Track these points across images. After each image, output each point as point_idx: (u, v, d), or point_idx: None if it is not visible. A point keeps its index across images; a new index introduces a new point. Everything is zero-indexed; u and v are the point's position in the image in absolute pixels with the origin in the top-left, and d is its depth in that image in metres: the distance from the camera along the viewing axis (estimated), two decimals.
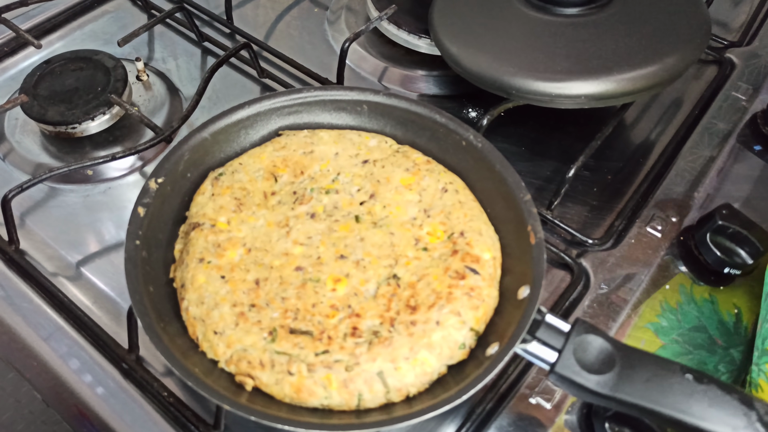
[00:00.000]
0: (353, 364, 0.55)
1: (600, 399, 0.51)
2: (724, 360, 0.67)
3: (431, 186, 0.67)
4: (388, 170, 0.68)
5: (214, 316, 0.59)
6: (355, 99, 0.73)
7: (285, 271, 0.62)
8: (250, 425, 0.61)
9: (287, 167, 0.69)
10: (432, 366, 0.56)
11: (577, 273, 0.72)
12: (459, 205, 0.65)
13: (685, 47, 0.76)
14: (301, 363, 0.55)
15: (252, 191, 0.68)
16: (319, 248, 0.63)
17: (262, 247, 0.64)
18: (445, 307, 0.58)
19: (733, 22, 1.02)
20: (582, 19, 0.79)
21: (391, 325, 0.57)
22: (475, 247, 0.62)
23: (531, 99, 0.75)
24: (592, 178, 0.81)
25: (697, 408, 0.48)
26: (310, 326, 0.58)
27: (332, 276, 0.61)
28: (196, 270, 0.62)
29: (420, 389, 0.56)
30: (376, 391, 0.55)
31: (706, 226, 0.73)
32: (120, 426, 0.62)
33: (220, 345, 0.57)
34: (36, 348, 0.67)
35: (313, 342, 0.57)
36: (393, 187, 0.67)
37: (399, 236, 0.64)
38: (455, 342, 0.57)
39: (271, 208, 0.67)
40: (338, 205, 0.67)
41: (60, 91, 0.83)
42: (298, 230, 0.65)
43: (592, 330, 0.53)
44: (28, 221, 0.76)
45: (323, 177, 0.69)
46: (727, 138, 0.85)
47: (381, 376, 0.55)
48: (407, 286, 0.60)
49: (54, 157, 0.82)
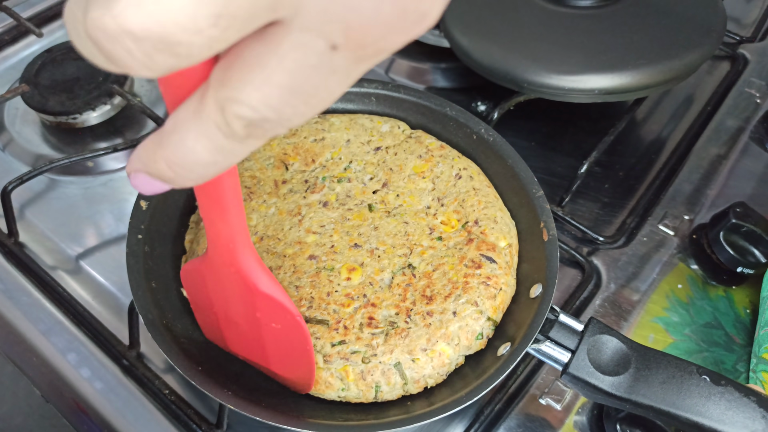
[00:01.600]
0: (370, 355, 0.54)
1: (614, 401, 0.50)
2: (743, 359, 0.65)
3: (445, 173, 0.66)
4: (401, 157, 0.67)
5: None
6: (364, 92, 0.71)
7: (298, 259, 0.61)
8: (254, 424, 0.60)
9: (298, 155, 0.68)
10: (450, 357, 0.56)
11: (588, 271, 0.70)
12: (473, 192, 0.64)
13: (700, 42, 0.74)
14: (317, 353, 0.55)
15: (262, 179, 0.67)
16: (333, 237, 0.62)
17: (274, 236, 0.63)
18: (462, 297, 0.57)
19: (746, 17, 1.00)
20: (596, 12, 0.77)
21: (408, 316, 0.56)
22: (490, 236, 0.61)
23: (543, 92, 0.74)
24: (603, 174, 0.80)
25: (714, 410, 0.47)
26: (326, 315, 0.57)
27: (347, 265, 0.60)
28: None
29: (438, 381, 0.56)
30: (393, 383, 0.54)
31: (719, 224, 0.71)
32: (120, 423, 0.61)
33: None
34: (35, 342, 0.65)
35: (329, 332, 0.56)
36: (406, 175, 0.66)
37: (413, 225, 0.63)
38: (473, 332, 0.56)
39: (282, 197, 0.65)
40: (351, 193, 0.65)
41: (61, 81, 0.81)
42: (311, 219, 0.63)
43: (607, 330, 0.52)
44: (27, 213, 0.75)
45: (335, 165, 0.67)
46: (740, 135, 0.84)
47: (399, 368, 0.54)
48: (423, 275, 0.59)
49: (54, 148, 0.80)
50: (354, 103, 0.72)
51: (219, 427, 0.59)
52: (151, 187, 0.31)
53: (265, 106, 0.26)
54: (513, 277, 0.61)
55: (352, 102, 0.72)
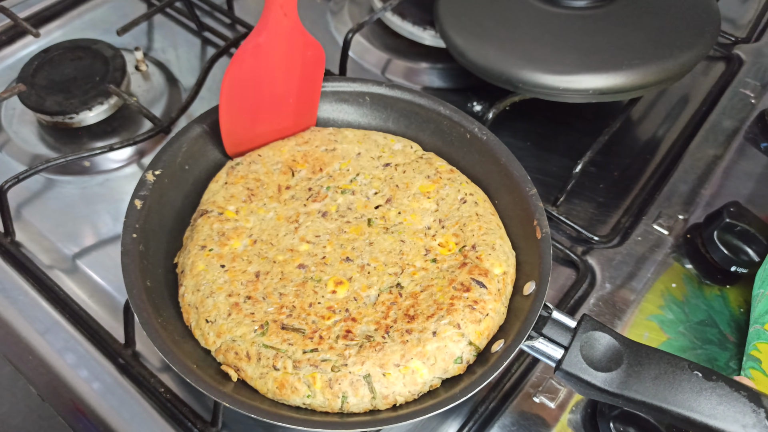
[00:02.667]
0: (341, 365, 0.54)
1: (607, 396, 0.50)
2: (736, 356, 0.66)
3: (450, 195, 0.65)
4: (409, 176, 0.67)
5: (208, 304, 0.58)
6: (358, 90, 0.71)
7: (287, 267, 0.61)
8: (249, 422, 0.60)
9: (307, 163, 0.68)
10: (423, 377, 0.54)
11: (582, 270, 0.70)
12: (476, 218, 0.63)
13: (694, 42, 0.75)
14: (287, 359, 0.54)
15: (267, 183, 0.67)
16: (326, 248, 0.62)
17: (268, 240, 0.63)
18: (445, 318, 0.56)
19: (741, 18, 1.01)
20: (591, 12, 0.78)
21: (386, 332, 0.56)
22: (486, 261, 0.60)
23: (538, 92, 0.74)
24: (598, 174, 0.80)
25: (706, 405, 0.48)
26: (303, 324, 0.56)
27: (334, 278, 0.60)
28: (196, 257, 0.61)
29: (408, 399, 0.54)
30: (361, 395, 0.53)
31: (713, 223, 0.71)
32: (116, 422, 0.61)
33: (211, 334, 0.57)
34: (32, 342, 0.66)
35: (303, 340, 0.55)
36: (411, 194, 0.66)
37: (409, 245, 0.62)
38: (451, 355, 0.55)
39: (283, 202, 0.66)
40: (352, 206, 0.65)
41: (58, 81, 0.82)
42: (307, 227, 0.63)
43: (599, 327, 0.52)
44: (24, 213, 0.75)
45: (342, 176, 0.67)
46: (735, 135, 0.84)
47: (368, 380, 0.53)
48: (409, 296, 0.58)
49: (51, 148, 0.81)
50: (348, 103, 0.72)
51: (214, 425, 0.59)
52: None
53: None
54: (504, 305, 0.59)
55: (347, 102, 0.72)
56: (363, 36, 0.94)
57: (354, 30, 0.84)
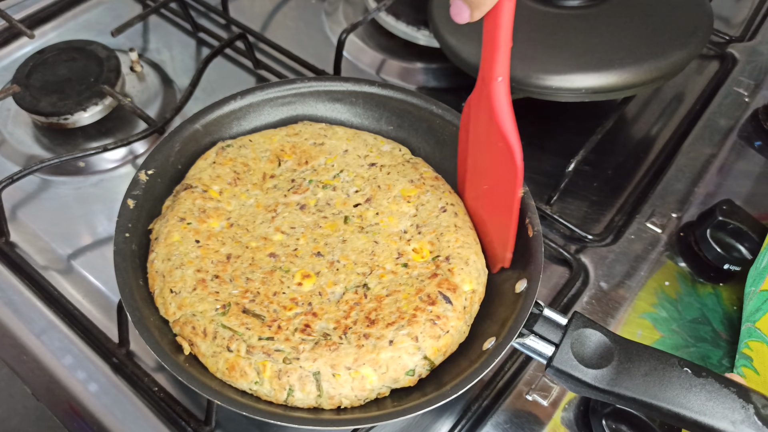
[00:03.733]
0: (293, 357, 0.54)
1: (598, 393, 0.50)
2: (729, 354, 0.66)
3: (431, 203, 0.65)
4: (393, 178, 0.67)
5: (176, 275, 0.59)
6: (350, 90, 0.72)
7: (259, 254, 0.61)
8: (242, 421, 0.61)
9: (294, 154, 0.68)
10: (372, 384, 0.54)
11: (576, 269, 0.71)
12: (454, 229, 0.62)
13: (687, 41, 0.75)
14: (242, 342, 0.55)
15: (253, 169, 0.67)
16: (299, 240, 0.62)
17: (244, 226, 0.63)
18: (404, 329, 0.55)
19: (735, 17, 1.01)
20: (584, 12, 0.78)
21: (344, 333, 0.56)
22: (457, 276, 0.59)
23: (531, 92, 0.74)
24: (592, 173, 0.80)
25: (695, 402, 0.48)
26: (264, 311, 0.57)
27: (302, 270, 0.60)
28: (173, 227, 0.61)
29: (353, 403, 0.54)
30: (308, 391, 0.54)
31: (706, 221, 0.72)
32: (111, 422, 0.61)
33: (173, 305, 0.57)
34: (26, 342, 0.66)
35: (262, 326, 0.56)
36: (392, 196, 0.65)
37: (383, 246, 0.62)
38: (404, 366, 0.55)
39: (265, 191, 0.66)
40: (331, 202, 0.65)
41: (52, 82, 0.82)
42: (284, 218, 0.64)
43: (590, 324, 0.52)
44: (19, 213, 0.75)
45: (325, 171, 0.68)
46: (729, 134, 0.84)
47: (317, 378, 0.54)
48: (374, 298, 0.58)
49: (46, 149, 0.81)
50: (341, 102, 0.72)
51: (207, 424, 0.59)
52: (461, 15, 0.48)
53: None
54: (467, 324, 0.58)
55: (340, 101, 0.72)
56: (357, 36, 0.94)
57: (348, 30, 0.84)
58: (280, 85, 0.71)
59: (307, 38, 0.96)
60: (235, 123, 0.70)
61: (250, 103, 0.70)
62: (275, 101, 0.71)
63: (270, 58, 0.92)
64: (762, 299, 0.62)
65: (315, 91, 0.72)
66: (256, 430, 0.60)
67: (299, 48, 0.92)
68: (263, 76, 0.90)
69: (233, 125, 0.70)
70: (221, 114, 0.69)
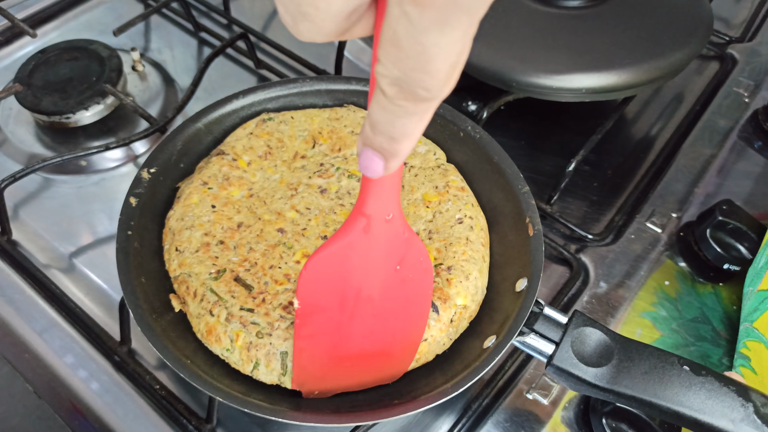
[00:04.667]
0: (266, 333, 0.55)
1: (598, 392, 0.50)
2: (729, 353, 0.66)
3: (450, 212, 0.63)
4: (418, 180, 0.66)
5: (184, 235, 0.61)
6: (351, 89, 0.72)
7: (268, 227, 0.62)
8: (243, 419, 0.61)
9: (330, 139, 0.68)
10: None
11: (576, 268, 0.71)
12: (464, 242, 0.61)
13: (686, 41, 0.75)
14: (224, 309, 0.56)
15: (287, 146, 0.68)
16: (311, 221, 0.63)
17: (263, 198, 0.64)
18: None
19: (735, 17, 1.01)
20: (584, 12, 0.78)
21: None
22: (453, 287, 0.58)
23: (532, 92, 0.75)
24: (592, 172, 0.80)
25: (695, 400, 0.48)
26: (254, 282, 0.58)
27: (304, 250, 0.61)
28: (195, 189, 0.63)
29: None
30: (272, 368, 0.55)
31: (706, 221, 0.72)
32: (112, 419, 0.61)
33: (175, 262, 0.60)
34: (28, 340, 0.66)
35: (247, 297, 0.57)
36: (413, 198, 0.65)
37: None
38: None
39: (292, 169, 0.67)
40: (352, 191, 0.65)
41: (54, 81, 0.82)
42: (302, 198, 0.64)
43: (590, 322, 0.52)
44: (21, 212, 0.76)
45: (355, 161, 0.67)
46: (728, 134, 0.85)
47: (283, 357, 0.54)
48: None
49: (48, 148, 0.81)
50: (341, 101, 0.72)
51: (209, 422, 0.59)
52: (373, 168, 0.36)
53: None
54: (449, 338, 0.57)
55: (341, 101, 0.72)
56: None
57: None
58: (281, 84, 0.71)
59: None
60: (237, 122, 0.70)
61: (252, 102, 0.71)
62: (277, 100, 0.71)
63: (271, 58, 0.92)
64: (759, 299, 0.63)
65: (316, 90, 0.72)
66: (257, 428, 0.60)
67: (300, 48, 0.92)
68: (265, 76, 0.90)
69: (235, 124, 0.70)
70: (223, 113, 0.69)
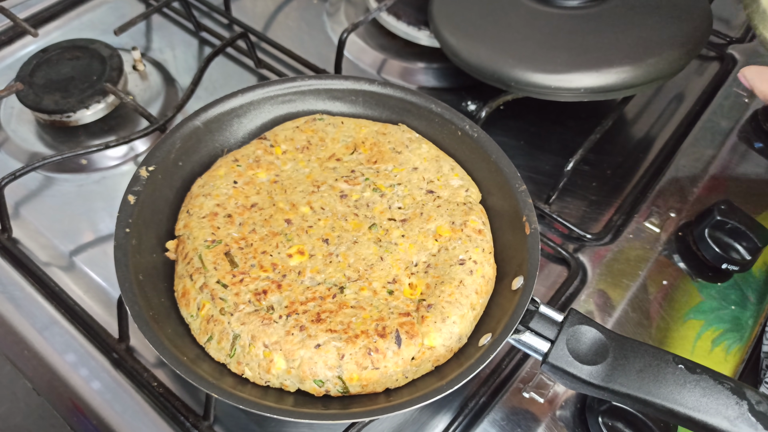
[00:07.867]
0: (228, 312, 0.56)
1: (593, 389, 0.50)
2: (754, 315, 0.69)
3: (455, 251, 0.61)
4: (439, 212, 0.64)
5: (199, 200, 0.64)
6: (350, 88, 0.72)
7: (278, 215, 0.63)
8: (240, 416, 0.61)
9: (370, 150, 0.69)
10: (278, 372, 0.55)
11: (574, 268, 0.71)
12: (457, 284, 0.58)
13: (686, 41, 0.75)
14: (202, 277, 0.58)
15: (327, 147, 0.69)
16: (320, 221, 0.63)
17: (285, 187, 0.66)
18: (338, 342, 0.55)
19: (735, 18, 1.01)
20: (583, 12, 0.78)
21: (288, 315, 0.56)
22: (425, 326, 0.56)
23: (531, 91, 0.75)
24: (591, 172, 0.80)
25: (690, 398, 0.48)
26: (242, 261, 0.60)
27: (300, 246, 0.61)
28: (224, 163, 0.67)
29: (254, 380, 0.56)
30: (222, 346, 0.56)
31: (704, 221, 0.72)
32: (111, 416, 0.61)
33: (182, 222, 0.64)
34: (29, 338, 0.66)
35: (226, 273, 0.59)
36: (426, 228, 0.63)
37: (385, 266, 0.60)
38: (314, 373, 0.54)
39: (323, 168, 0.68)
40: (371, 205, 0.65)
41: (56, 80, 0.82)
42: (321, 197, 0.65)
43: (586, 321, 0.52)
44: (22, 210, 0.76)
45: (386, 177, 0.67)
46: (728, 134, 0.85)
47: (235, 339, 0.55)
48: (339, 303, 0.58)
49: (49, 146, 0.81)
50: (341, 101, 0.73)
51: (206, 419, 0.60)
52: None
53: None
54: (404, 376, 0.55)
55: (339, 99, 0.73)
56: (359, 36, 0.95)
57: (349, 30, 0.85)
58: (280, 83, 0.72)
59: (308, 38, 0.96)
60: (236, 120, 0.71)
61: (251, 100, 0.71)
62: (276, 99, 0.72)
63: (271, 58, 0.93)
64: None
65: (315, 89, 0.72)
66: (254, 425, 0.61)
67: (300, 48, 0.93)
68: (265, 75, 0.90)
69: (234, 122, 0.71)
70: (222, 111, 0.70)
